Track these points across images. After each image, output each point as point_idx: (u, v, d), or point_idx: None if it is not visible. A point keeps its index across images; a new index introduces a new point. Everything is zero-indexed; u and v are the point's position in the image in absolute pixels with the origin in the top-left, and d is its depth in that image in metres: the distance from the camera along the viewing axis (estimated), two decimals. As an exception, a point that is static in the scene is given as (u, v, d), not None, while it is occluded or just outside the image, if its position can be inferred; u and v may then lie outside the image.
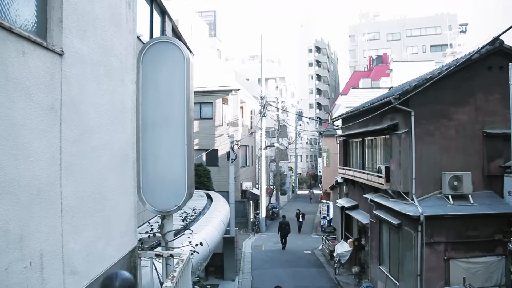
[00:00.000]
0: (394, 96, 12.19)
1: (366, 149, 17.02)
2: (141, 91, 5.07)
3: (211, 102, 30.02)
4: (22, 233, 2.62)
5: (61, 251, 3.13)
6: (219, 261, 18.17)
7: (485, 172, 12.01)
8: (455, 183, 11.53)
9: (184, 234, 8.57)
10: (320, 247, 25.06)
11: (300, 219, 31.26)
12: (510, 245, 10.16)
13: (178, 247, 5.68)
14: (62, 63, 3.19)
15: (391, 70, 33.54)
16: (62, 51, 3.18)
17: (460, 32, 50.34)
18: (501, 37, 10.76)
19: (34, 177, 2.76)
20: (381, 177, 13.53)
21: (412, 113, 11.90)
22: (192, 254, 7.59)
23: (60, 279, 3.12)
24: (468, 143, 12.02)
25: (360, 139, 17.53)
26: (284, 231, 25.72)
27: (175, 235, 5.83)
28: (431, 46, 67.17)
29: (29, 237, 2.70)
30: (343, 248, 19.09)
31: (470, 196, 11.63)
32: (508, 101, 9.86)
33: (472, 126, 12.05)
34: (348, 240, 19.38)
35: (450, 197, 11.59)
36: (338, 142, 21.73)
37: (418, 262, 11.50)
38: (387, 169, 13.21)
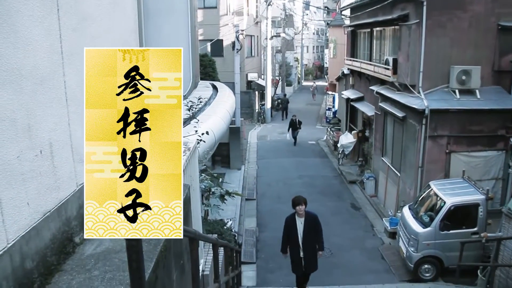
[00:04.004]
0: (407, -16, 11.59)
1: (374, 40, 16.57)
2: (142, -24, 4.81)
3: (215, -10, 28.74)
4: (29, 122, 2.63)
5: (70, 140, 3.18)
6: (225, 151, 18.67)
7: (495, 67, 11.72)
8: (463, 77, 11.36)
9: (190, 123, 8.71)
10: (325, 138, 25.52)
11: (298, 126, 24.36)
12: (512, 140, 10.28)
13: (184, 136, 5.76)
14: None
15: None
16: None
17: None
18: None
19: (36, 66, 2.70)
20: (388, 69, 13.34)
21: (425, 3, 11.35)
22: (198, 143, 7.78)
23: (71, 167, 3.20)
24: (480, 37, 11.60)
25: (369, 30, 16.99)
26: (284, 104, 33.19)
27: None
28: None
29: (37, 126, 2.72)
30: (347, 139, 19.42)
31: (477, 91, 11.51)
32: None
33: (487, 18, 11.52)
34: (352, 132, 19.68)
35: (457, 91, 11.49)
36: (346, 32, 21.08)
37: (420, 154, 11.76)
38: (395, 61, 12.97)
